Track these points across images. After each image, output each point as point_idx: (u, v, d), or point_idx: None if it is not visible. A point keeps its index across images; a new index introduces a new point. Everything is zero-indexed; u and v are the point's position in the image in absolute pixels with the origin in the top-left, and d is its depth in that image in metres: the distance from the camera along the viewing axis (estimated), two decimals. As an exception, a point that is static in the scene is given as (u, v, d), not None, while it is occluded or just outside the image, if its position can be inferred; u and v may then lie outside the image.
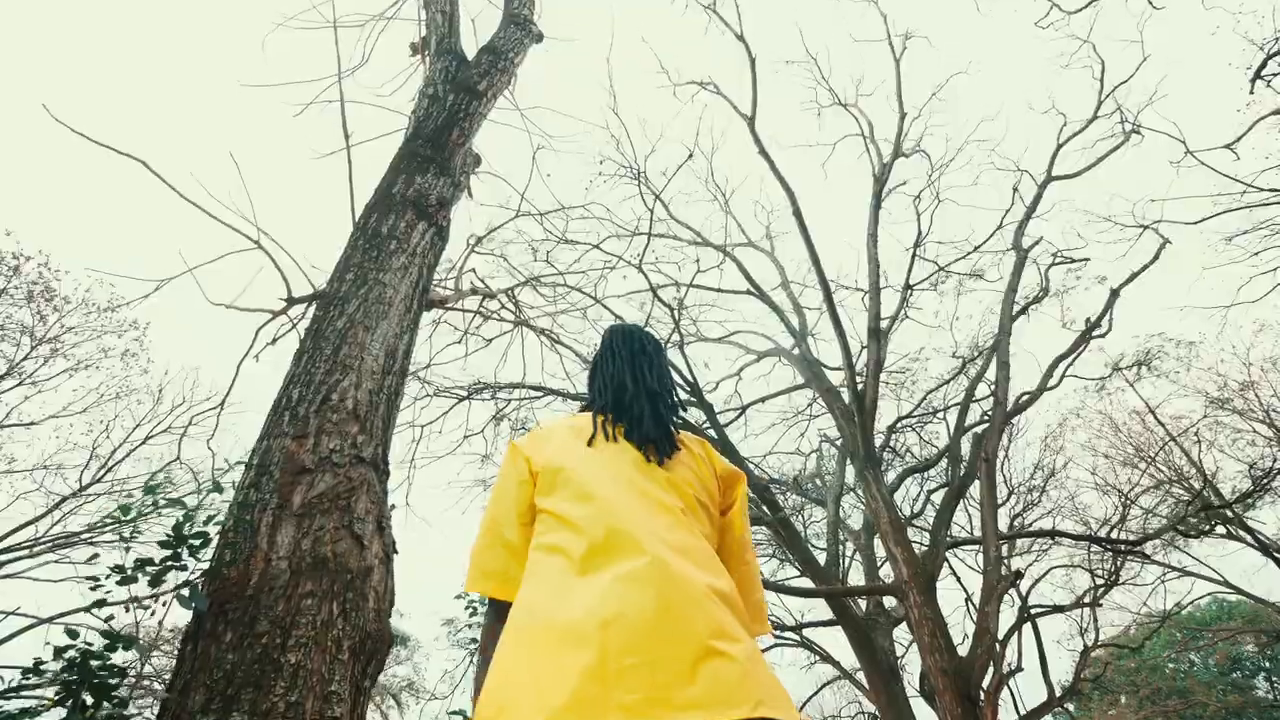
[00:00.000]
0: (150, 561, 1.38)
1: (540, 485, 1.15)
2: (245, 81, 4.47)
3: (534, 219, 9.83)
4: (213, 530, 1.46)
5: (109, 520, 12.24)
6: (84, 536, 12.35)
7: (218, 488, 1.55)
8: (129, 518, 1.51)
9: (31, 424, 12.50)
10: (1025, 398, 9.65)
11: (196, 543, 1.41)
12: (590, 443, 1.19)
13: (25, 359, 11.44)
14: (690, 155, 8.82)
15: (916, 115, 9.65)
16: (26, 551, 11.67)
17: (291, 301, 3.79)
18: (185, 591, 1.33)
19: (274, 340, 3.53)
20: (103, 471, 12.34)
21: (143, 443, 12.60)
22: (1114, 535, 12.99)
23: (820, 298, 9.97)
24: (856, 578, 12.71)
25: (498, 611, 1.10)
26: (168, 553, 1.39)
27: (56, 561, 12.40)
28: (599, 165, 9.58)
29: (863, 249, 10.51)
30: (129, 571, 1.36)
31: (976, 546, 11.87)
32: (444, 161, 2.96)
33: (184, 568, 1.39)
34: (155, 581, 1.36)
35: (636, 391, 1.29)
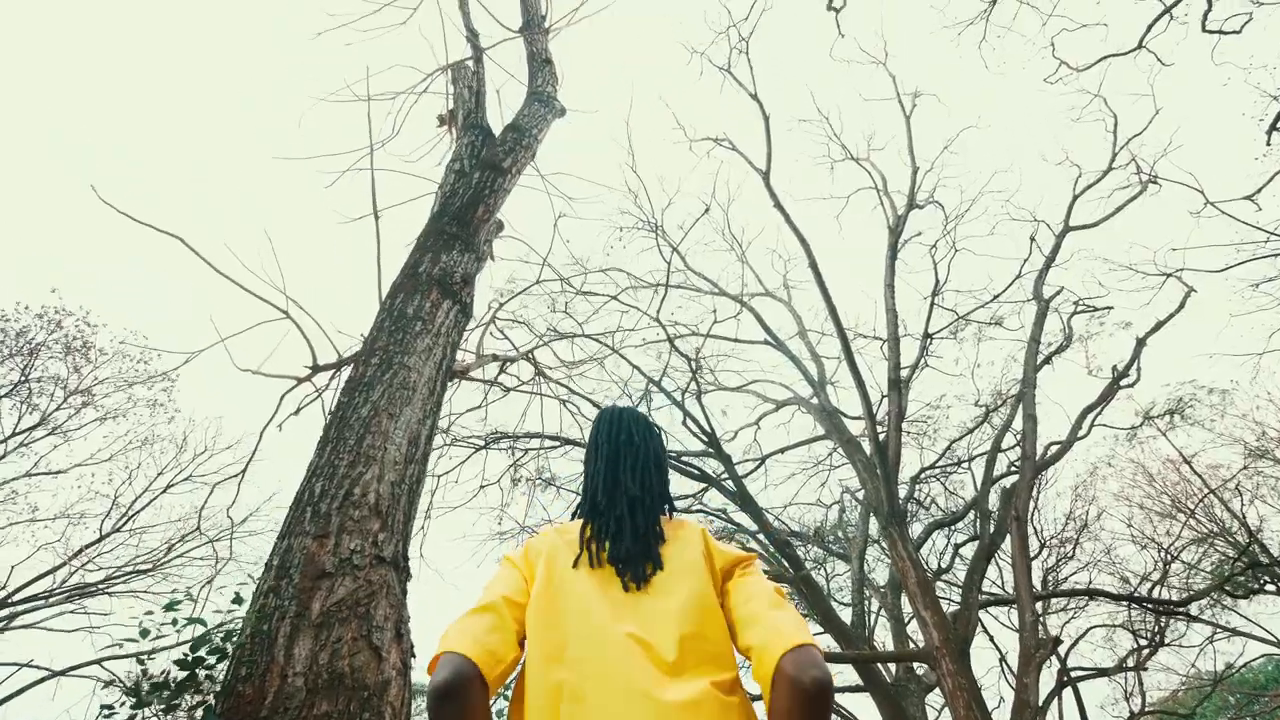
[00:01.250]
0: (165, 685, 1.35)
1: (527, 617, 1.07)
2: (280, 154, 4.67)
3: (552, 271, 10.02)
4: (230, 645, 1.43)
5: (126, 572, 12.24)
6: (100, 586, 12.36)
7: (238, 600, 1.53)
8: (147, 638, 1.50)
9: (58, 473, 12.71)
10: (1054, 449, 9.38)
11: (213, 659, 1.38)
12: (576, 563, 1.13)
13: (57, 409, 11.72)
14: (706, 210, 8.98)
15: (929, 168, 9.77)
16: (43, 602, 11.68)
17: (316, 369, 3.85)
18: (200, 714, 1.30)
19: (297, 410, 3.57)
20: (123, 520, 12.43)
21: (164, 491, 12.72)
22: (1156, 594, 12.38)
23: (838, 347, 9.94)
24: (883, 636, 12.19)
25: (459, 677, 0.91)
26: (184, 674, 1.36)
27: (72, 612, 12.38)
28: (618, 222, 9.77)
29: (880, 298, 10.50)
30: (144, 694, 1.33)
31: (1010, 605, 11.36)
32: (469, 238, 3.03)
33: (199, 689, 1.36)
34: (169, 707, 1.33)
35: (614, 499, 1.22)
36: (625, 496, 1.22)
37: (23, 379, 11.54)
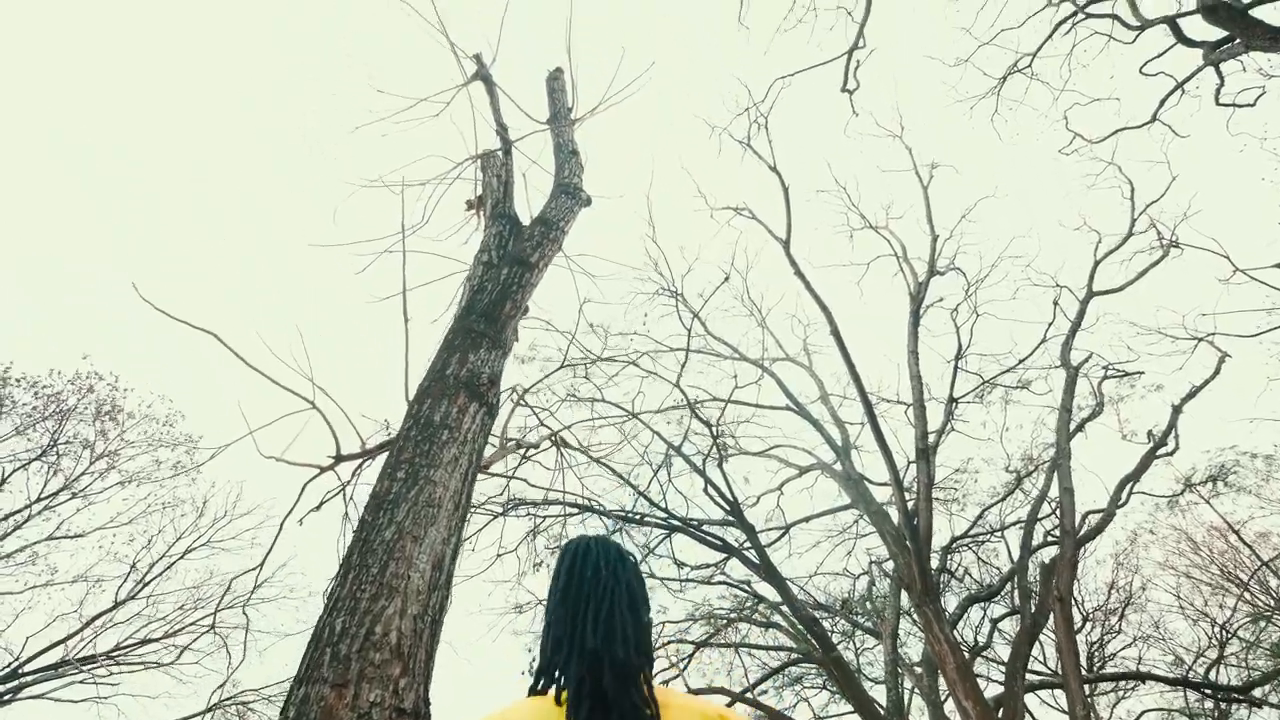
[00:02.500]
0: None
1: None
2: (315, 242, 4.83)
3: (577, 346, 10.11)
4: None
5: (137, 640, 12.03)
6: (110, 655, 12.14)
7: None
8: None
9: (78, 536, 12.73)
10: (1093, 519, 8.98)
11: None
12: None
13: (83, 474, 11.87)
14: (726, 278, 9.07)
15: (948, 236, 9.83)
16: (54, 672, 11.49)
17: (339, 459, 3.84)
18: None
19: (319, 505, 3.55)
20: (139, 587, 12.33)
21: (181, 557, 12.65)
22: (1213, 675, 11.54)
23: (861, 411, 9.77)
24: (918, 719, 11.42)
25: None
26: None
27: (81, 682, 12.14)
28: (639, 289, 9.89)
29: (903, 363, 10.38)
30: None
31: (1055, 689, 10.64)
32: (497, 335, 3.05)
33: None
34: None
35: (569, 654, 0.97)
36: (584, 652, 0.95)
37: (52, 443, 11.75)
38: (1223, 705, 11.13)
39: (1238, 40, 6.79)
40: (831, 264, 12.57)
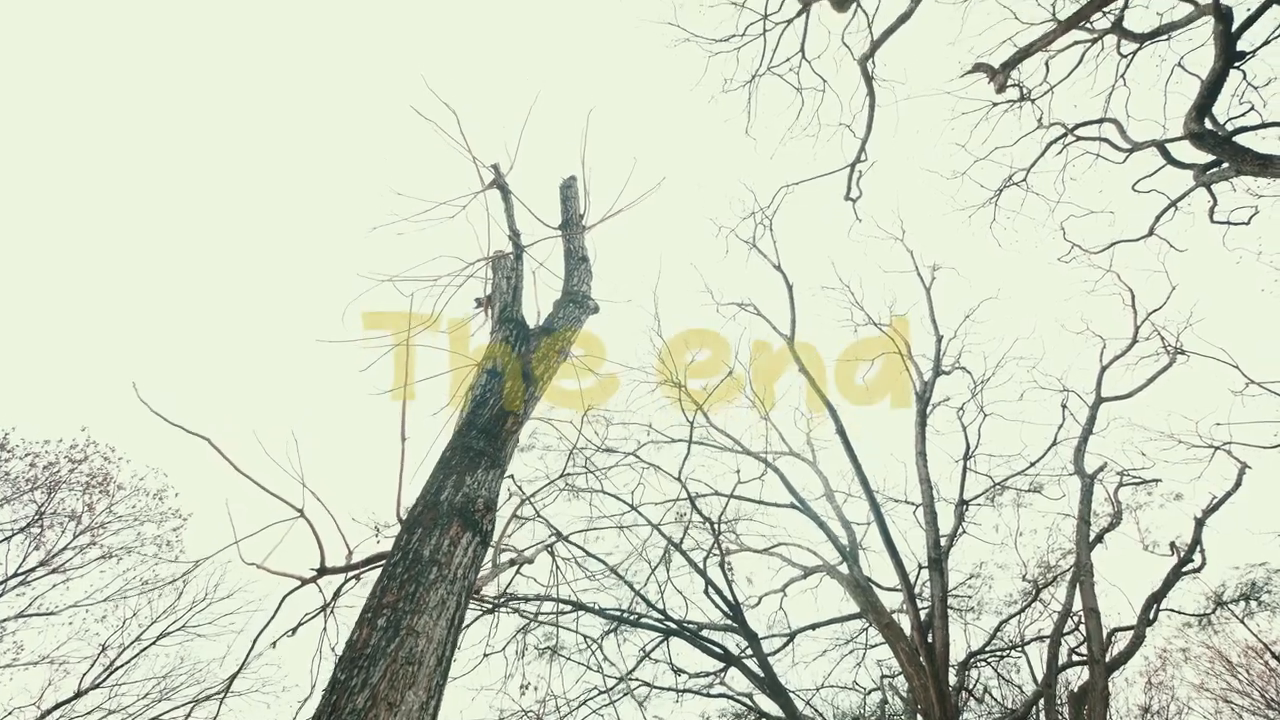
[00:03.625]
0: None
1: None
2: (321, 337, 4.85)
3: (572, 425, 9.99)
4: None
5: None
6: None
7: None
8: None
9: (50, 614, 12.16)
10: (1121, 638, 8.44)
11: None
12: None
13: (65, 548, 11.48)
14: (730, 372, 9.04)
15: (952, 336, 9.88)
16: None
17: (322, 571, 3.65)
18: None
19: (294, 630, 3.34)
20: (105, 674, 11.61)
21: (154, 642, 11.99)
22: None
23: (868, 510, 9.45)
24: None
25: None
26: None
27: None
28: (642, 382, 9.88)
29: (910, 462, 10.15)
30: None
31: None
32: (496, 453, 2.96)
33: None
34: None
35: None
36: None
37: (38, 515, 11.45)
38: None
39: (1226, 165, 7.05)
40: (836, 359, 12.59)
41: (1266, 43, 6.68)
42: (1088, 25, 6.60)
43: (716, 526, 9.55)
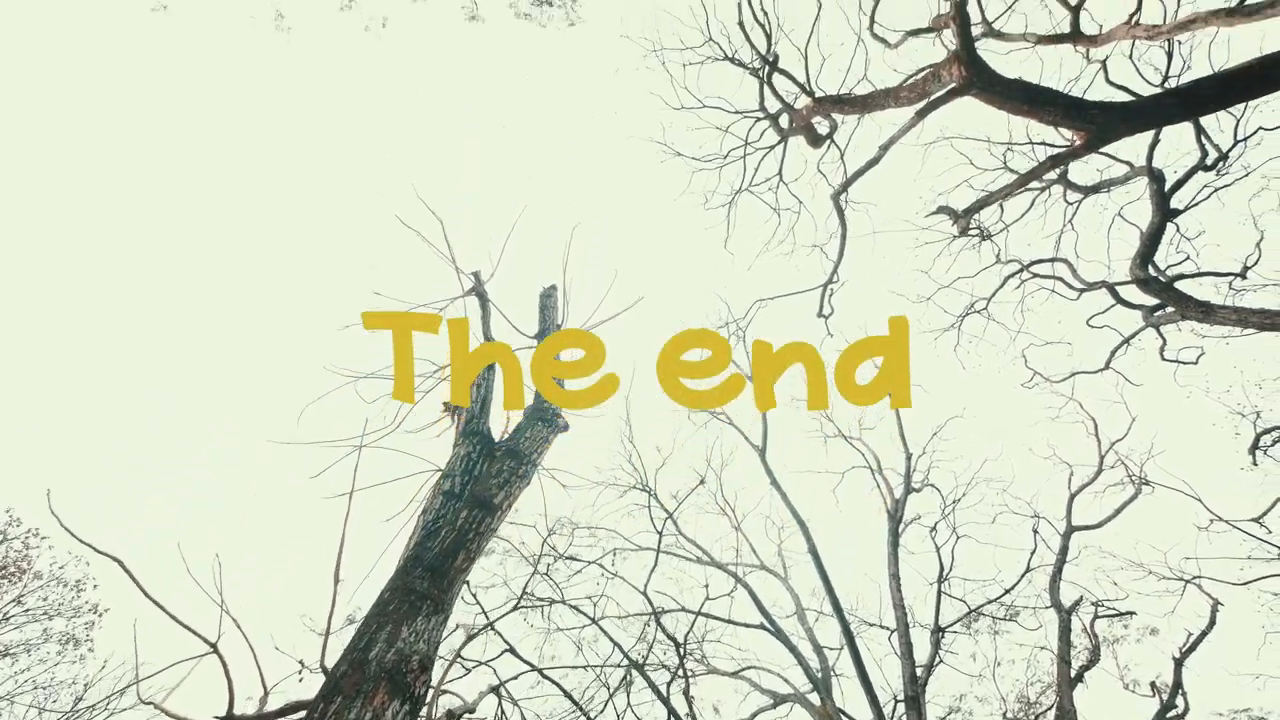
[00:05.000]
0: None
1: None
2: (273, 438, 4.62)
3: (534, 530, 9.55)
4: None
5: None
6: None
7: None
8: None
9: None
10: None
11: None
12: None
13: (-43, 643, 10.28)
14: (702, 481, 8.86)
15: (921, 453, 9.91)
16: None
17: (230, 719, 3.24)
18: None
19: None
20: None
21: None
22: None
23: (839, 633, 8.99)
24: None
25: None
26: None
27: None
28: (612, 484, 9.63)
29: (884, 583, 9.83)
30: None
31: None
32: (440, 595, 2.73)
33: None
34: None
35: None
36: None
37: (-65, 604, 10.36)
38: None
39: (1172, 309, 7.48)
40: (808, 470, 12.50)
41: (1195, 204, 7.31)
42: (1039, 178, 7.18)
43: (683, 647, 8.96)
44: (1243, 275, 7.70)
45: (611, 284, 5.95)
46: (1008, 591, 9.70)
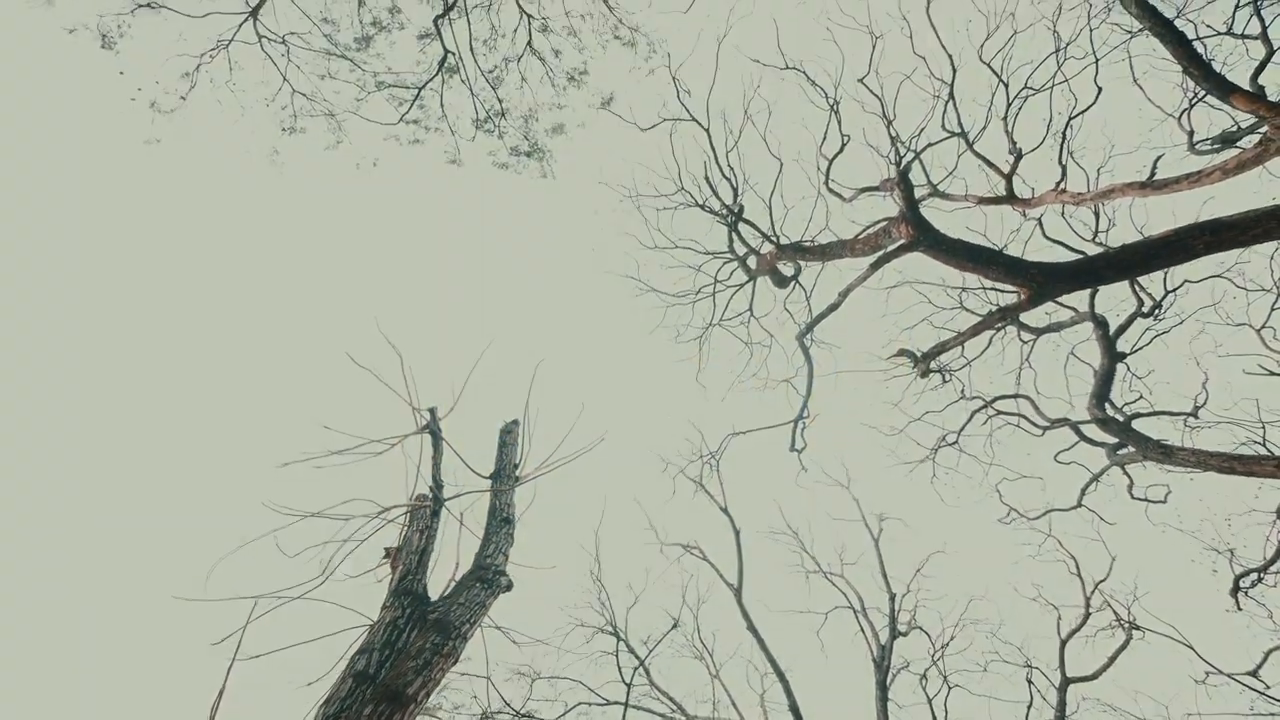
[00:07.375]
0: None
1: None
2: (179, 594, 4.20)
3: (489, 682, 8.66)
4: None
5: None
6: None
7: None
8: None
9: None
10: None
11: None
12: None
13: None
14: (675, 623, 8.25)
15: (905, 592, 9.45)
16: None
17: None
18: None
19: None
20: None
21: None
22: None
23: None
24: None
25: None
26: None
27: None
28: (579, 624, 8.94)
29: (873, 743, 8.92)
30: None
31: None
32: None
33: None
34: None
35: None
36: None
37: None
38: None
39: (1133, 449, 7.54)
40: (788, 609, 11.80)
41: (1140, 348, 7.63)
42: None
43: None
44: (1194, 415, 7.89)
45: (578, 418, 5.84)
46: (1009, 754, 8.85)
